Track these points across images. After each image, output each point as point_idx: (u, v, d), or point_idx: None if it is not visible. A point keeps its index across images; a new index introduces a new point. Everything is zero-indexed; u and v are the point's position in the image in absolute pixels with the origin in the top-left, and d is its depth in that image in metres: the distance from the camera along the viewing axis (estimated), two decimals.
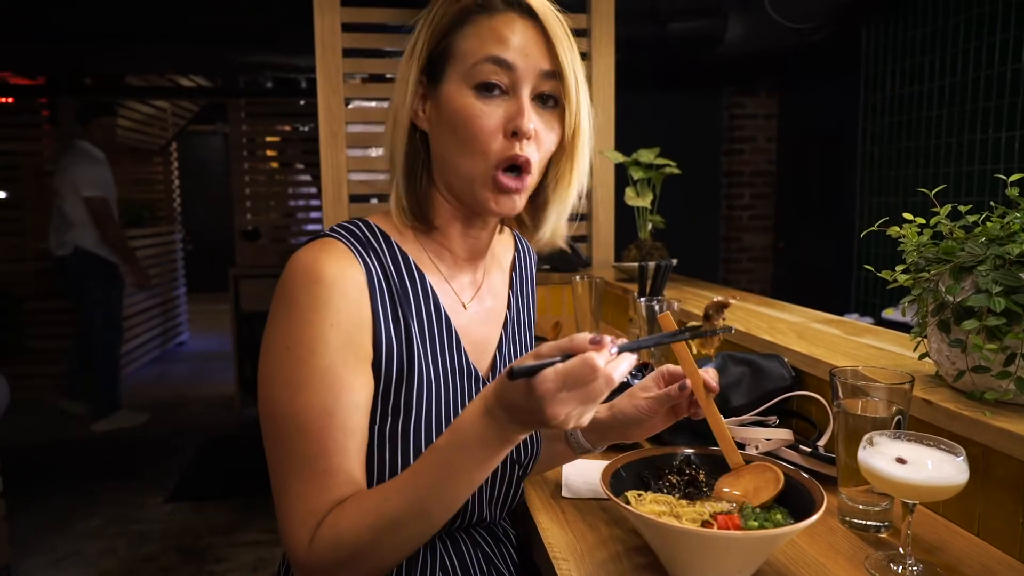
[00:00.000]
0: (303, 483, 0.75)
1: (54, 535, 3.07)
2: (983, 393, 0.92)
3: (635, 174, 2.30)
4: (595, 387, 0.64)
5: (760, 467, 0.85)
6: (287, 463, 0.76)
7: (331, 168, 2.64)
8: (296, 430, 0.75)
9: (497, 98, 0.80)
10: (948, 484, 0.75)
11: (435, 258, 0.90)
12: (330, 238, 0.81)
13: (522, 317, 1.01)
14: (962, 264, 0.91)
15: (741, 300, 1.90)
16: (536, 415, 0.65)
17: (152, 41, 4.12)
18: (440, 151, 0.85)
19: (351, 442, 0.77)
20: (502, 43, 0.79)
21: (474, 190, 0.82)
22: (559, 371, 0.63)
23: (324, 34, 2.58)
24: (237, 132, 5.43)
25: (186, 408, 4.92)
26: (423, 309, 0.85)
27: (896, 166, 3.83)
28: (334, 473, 0.75)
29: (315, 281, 0.76)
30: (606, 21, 2.74)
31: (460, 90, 0.81)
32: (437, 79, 0.83)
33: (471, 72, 0.80)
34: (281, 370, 0.76)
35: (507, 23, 0.80)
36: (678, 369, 0.89)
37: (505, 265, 1.02)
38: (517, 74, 0.80)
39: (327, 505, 0.75)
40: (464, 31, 0.82)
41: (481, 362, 0.92)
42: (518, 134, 0.79)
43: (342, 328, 0.76)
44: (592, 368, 0.63)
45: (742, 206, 5.64)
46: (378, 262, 0.82)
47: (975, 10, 3.26)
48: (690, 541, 0.74)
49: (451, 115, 0.81)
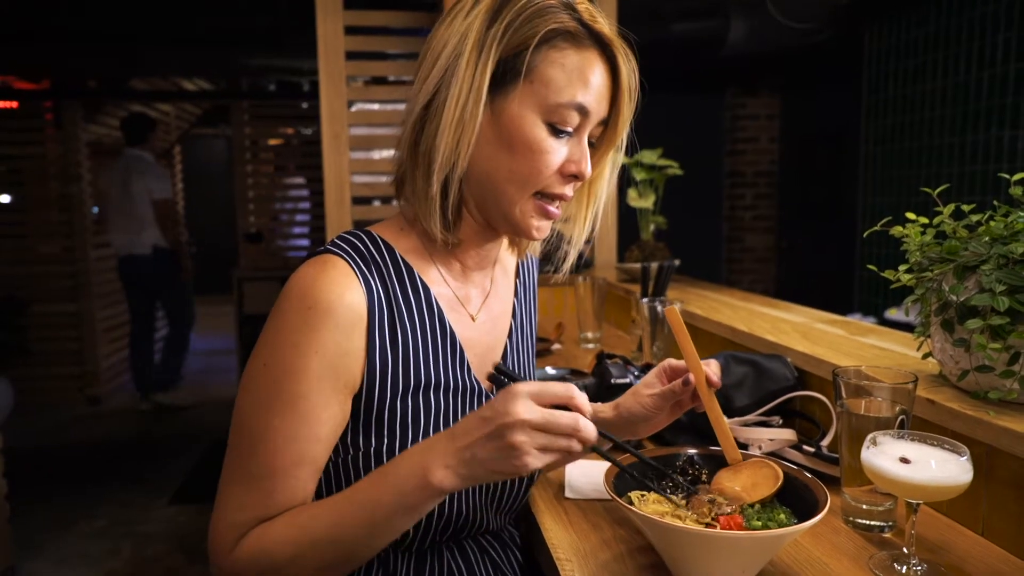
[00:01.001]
0: (242, 495, 0.76)
1: (58, 536, 3.08)
2: (987, 392, 0.91)
3: (638, 175, 2.30)
4: (563, 416, 0.67)
5: (759, 463, 0.85)
6: (235, 471, 0.77)
7: (333, 170, 2.64)
8: (252, 445, 0.76)
9: (564, 137, 0.80)
10: (952, 484, 0.75)
11: (443, 269, 0.88)
12: (332, 255, 0.79)
13: (525, 326, 1.01)
14: (965, 263, 0.90)
15: (745, 300, 1.90)
16: (494, 420, 0.66)
17: (156, 44, 4.14)
18: (488, 168, 0.80)
19: (301, 471, 0.76)
20: (588, 88, 0.78)
21: (514, 215, 0.82)
22: (539, 384, 0.67)
23: (327, 37, 2.59)
24: (240, 135, 5.44)
25: (189, 410, 4.93)
26: (427, 324, 0.84)
27: (899, 166, 3.82)
28: (273, 494, 0.76)
29: (310, 307, 0.75)
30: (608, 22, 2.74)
31: (534, 119, 0.78)
32: (498, 90, 0.78)
33: (554, 110, 0.77)
34: (256, 386, 0.77)
35: (592, 64, 0.79)
36: (680, 364, 0.89)
37: (510, 270, 1.01)
38: (588, 120, 0.80)
39: (256, 520, 0.76)
40: (548, 55, 0.77)
41: (484, 374, 0.91)
42: (578, 177, 0.81)
43: (327, 358, 0.75)
44: (569, 396, 0.67)
45: (744, 206, 5.64)
46: (380, 279, 0.80)
47: (977, 10, 3.26)
48: (694, 541, 0.74)
49: (515, 140, 0.78)
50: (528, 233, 0.83)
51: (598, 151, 0.86)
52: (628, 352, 1.83)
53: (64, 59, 4.26)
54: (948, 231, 0.97)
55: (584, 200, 0.90)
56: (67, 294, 5.02)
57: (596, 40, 0.80)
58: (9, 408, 3.99)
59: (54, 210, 5.01)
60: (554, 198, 0.82)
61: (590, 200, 0.90)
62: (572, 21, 0.78)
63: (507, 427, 0.66)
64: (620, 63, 0.81)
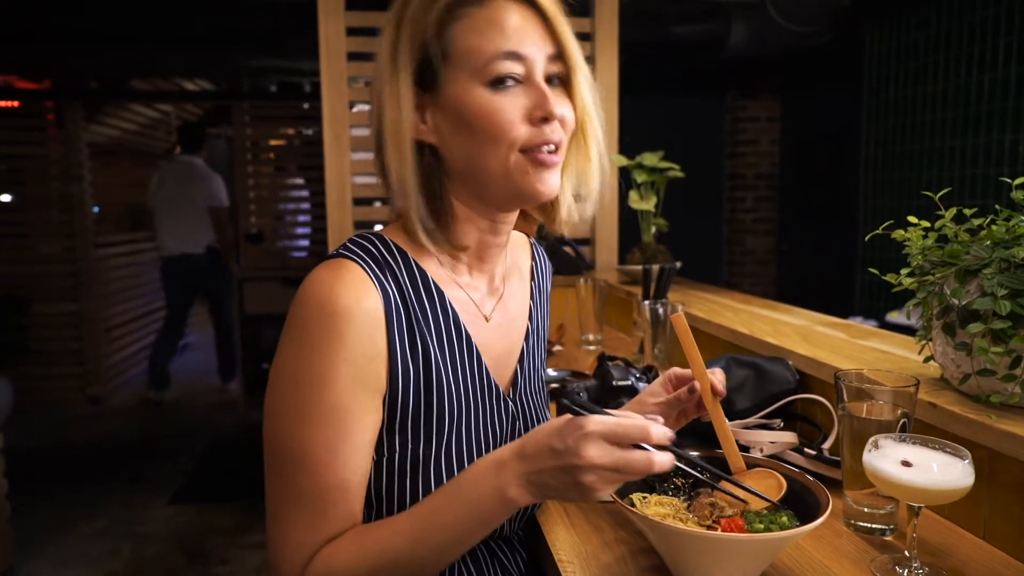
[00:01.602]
0: (297, 516, 0.75)
1: (58, 537, 3.08)
2: (988, 396, 0.92)
3: (639, 177, 2.30)
4: (636, 458, 0.66)
5: (763, 472, 0.85)
6: (284, 494, 0.76)
7: (335, 171, 2.64)
8: (297, 464, 0.75)
9: (512, 88, 0.77)
10: (954, 487, 0.75)
11: (453, 271, 0.87)
12: (346, 259, 0.78)
13: (540, 330, 1.00)
14: (967, 267, 0.91)
15: (746, 303, 1.90)
16: (566, 457, 0.67)
17: (157, 45, 4.15)
18: (460, 157, 0.80)
19: (351, 479, 0.76)
20: (508, 34, 0.76)
21: (512, 181, 0.79)
22: (613, 419, 0.66)
23: (328, 38, 2.59)
24: (241, 136, 5.44)
25: (190, 410, 4.93)
26: (443, 329, 0.83)
27: (900, 169, 3.83)
28: (330, 509, 0.75)
29: (329, 315, 0.73)
30: (610, 24, 2.74)
31: (471, 89, 0.77)
32: (432, 85, 0.79)
33: (484, 70, 0.76)
34: (288, 403, 0.75)
35: (502, 10, 0.77)
36: (685, 372, 0.89)
37: (524, 273, 1.00)
38: (529, 62, 0.77)
39: (320, 540, 0.75)
40: (457, 29, 0.77)
41: (502, 376, 0.90)
42: (548, 119, 0.78)
43: (355, 363, 0.74)
44: (645, 434, 0.66)
45: (745, 209, 5.64)
46: (395, 284, 0.79)
47: (978, 13, 3.26)
48: (696, 543, 0.74)
49: (468, 117, 0.77)
50: (533, 191, 0.80)
51: (570, 86, 0.82)
52: (629, 354, 1.83)
53: (65, 59, 4.26)
54: (950, 235, 0.97)
55: (582, 141, 0.86)
56: (68, 294, 5.02)
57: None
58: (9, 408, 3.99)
59: (55, 210, 5.01)
60: (539, 148, 0.78)
61: (587, 139, 0.86)
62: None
63: (578, 469, 0.67)
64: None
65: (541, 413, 0.97)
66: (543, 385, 1.01)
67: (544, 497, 0.71)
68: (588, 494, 0.68)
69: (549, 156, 0.79)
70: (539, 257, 1.04)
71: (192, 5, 3.74)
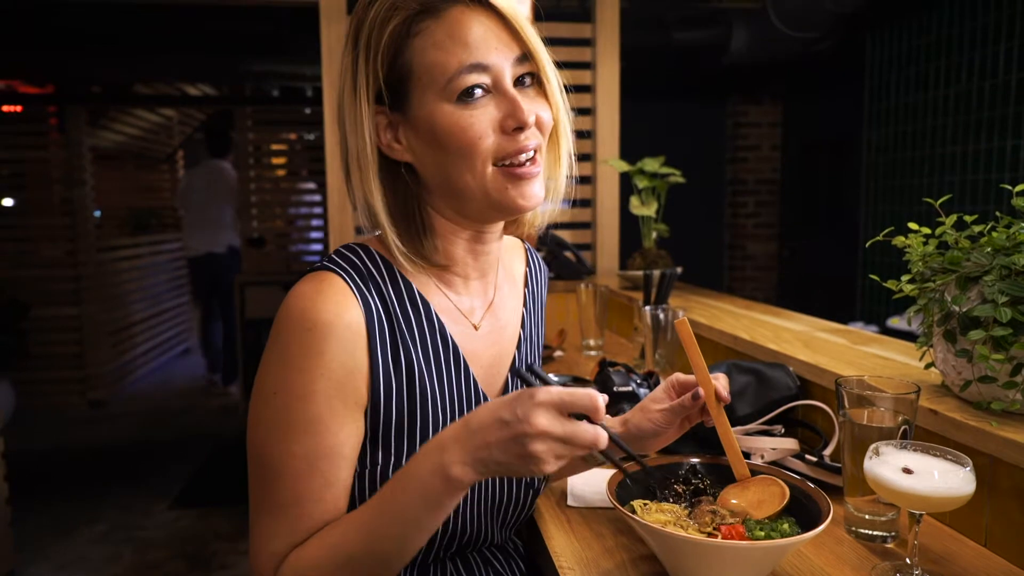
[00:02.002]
0: (275, 525, 0.76)
1: (59, 541, 3.08)
2: (989, 403, 0.92)
3: (640, 183, 2.30)
4: (585, 430, 0.66)
5: (766, 480, 0.85)
6: (263, 503, 0.77)
7: (337, 176, 2.65)
8: (275, 475, 0.76)
9: (481, 99, 0.76)
10: (955, 494, 0.75)
11: (441, 283, 0.86)
12: (329, 272, 0.78)
13: (534, 337, 0.99)
14: (968, 274, 0.91)
15: (747, 308, 1.90)
16: (515, 426, 0.65)
17: (160, 50, 4.16)
18: (436, 174, 0.79)
19: (328, 492, 0.76)
20: (470, 46, 0.74)
21: (490, 196, 0.78)
22: (564, 389, 0.65)
23: (331, 42, 2.60)
24: (243, 140, 5.45)
25: (191, 415, 4.93)
26: (428, 339, 0.83)
27: (901, 175, 3.83)
28: (305, 520, 0.76)
29: (309, 329, 0.74)
30: (611, 30, 2.75)
31: (439, 106, 0.75)
32: (402, 104, 0.78)
33: (448, 86, 0.75)
34: (268, 415, 0.76)
35: (460, 21, 0.75)
36: (689, 378, 0.89)
37: (518, 279, 0.99)
38: (495, 71, 0.76)
39: (294, 545, 0.76)
40: (416, 45, 0.75)
41: (492, 384, 0.90)
42: (522, 128, 0.77)
43: (333, 377, 0.75)
44: (594, 408, 0.65)
45: (746, 214, 5.64)
46: (379, 296, 0.79)
47: (979, 20, 3.27)
48: (697, 551, 0.74)
49: (438, 134, 0.76)
50: (515, 205, 0.79)
51: (542, 86, 0.81)
52: (630, 360, 1.83)
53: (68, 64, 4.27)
54: (950, 242, 0.97)
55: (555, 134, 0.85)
56: (69, 298, 5.03)
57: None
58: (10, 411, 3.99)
59: (57, 214, 5.02)
60: (515, 156, 0.77)
61: (558, 132, 0.85)
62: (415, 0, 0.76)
63: (527, 436, 0.65)
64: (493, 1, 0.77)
65: None
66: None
67: (489, 474, 0.68)
68: (535, 465, 0.66)
69: (528, 168, 0.78)
70: (533, 263, 1.02)
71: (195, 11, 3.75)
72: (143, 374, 5.91)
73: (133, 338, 5.77)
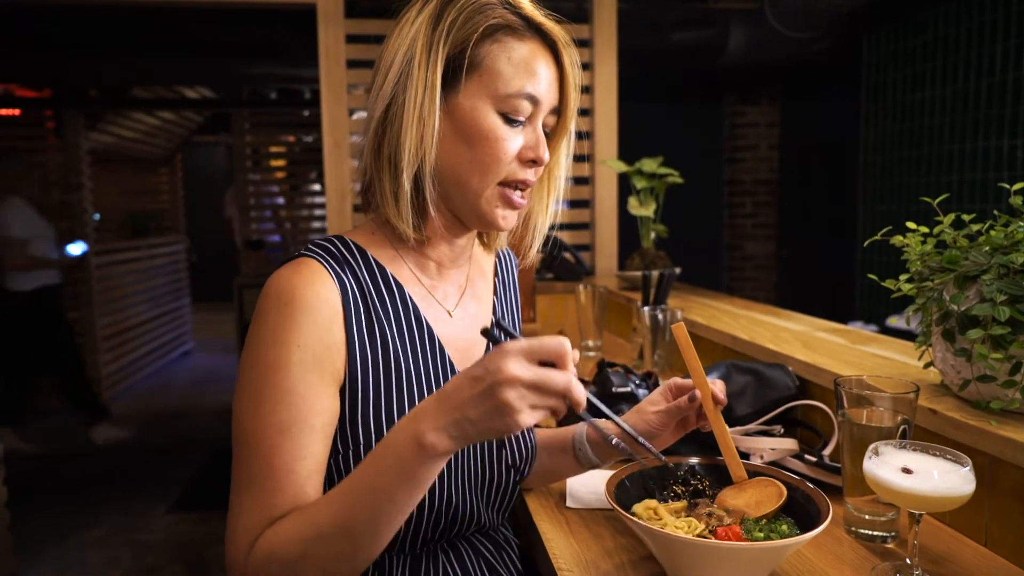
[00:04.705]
0: (249, 499, 0.76)
1: (58, 545, 3.07)
2: (989, 402, 0.91)
3: (638, 183, 2.30)
4: (556, 375, 0.64)
5: (763, 482, 0.85)
6: (239, 476, 0.78)
7: (335, 178, 2.65)
8: (250, 446, 0.77)
9: (518, 126, 0.84)
10: (954, 494, 0.75)
11: (416, 269, 0.90)
12: (305, 257, 0.82)
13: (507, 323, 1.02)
14: (966, 273, 0.91)
15: (746, 308, 1.90)
16: (486, 379, 0.64)
17: (158, 53, 4.16)
18: (449, 163, 0.83)
19: (300, 465, 0.76)
20: (535, 77, 0.82)
21: (480, 206, 0.84)
22: (531, 340, 0.66)
23: (328, 45, 2.60)
24: (241, 143, 5.46)
25: (190, 418, 4.92)
26: (403, 321, 0.86)
27: (898, 174, 3.83)
28: (278, 492, 0.75)
29: (286, 303, 0.77)
30: (608, 31, 2.75)
31: (486, 110, 0.82)
32: (450, 88, 0.82)
33: (504, 100, 0.81)
34: (246, 387, 0.78)
35: (536, 55, 0.83)
36: (686, 382, 0.89)
37: (488, 272, 1.03)
38: (539, 108, 0.84)
39: (266, 522, 0.75)
40: (493, 50, 0.82)
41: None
42: (536, 162, 0.84)
43: (309, 350, 0.77)
44: (562, 353, 0.65)
45: (744, 214, 5.65)
46: (354, 278, 0.83)
47: (976, 19, 3.27)
48: (696, 552, 0.74)
49: (474, 133, 0.82)
50: (495, 223, 0.86)
51: (553, 139, 0.90)
52: (629, 360, 1.82)
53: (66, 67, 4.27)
54: (948, 241, 0.97)
55: (545, 188, 0.94)
56: (69, 301, 5.02)
57: (537, 31, 0.83)
58: None
59: (55, 217, 5.02)
60: (516, 185, 0.85)
61: (551, 187, 0.94)
62: (511, 15, 0.82)
63: (499, 384, 0.64)
64: (562, 53, 0.85)
65: None
66: None
67: (463, 436, 0.67)
68: (510, 416, 0.64)
69: (519, 199, 0.86)
70: (503, 254, 1.07)
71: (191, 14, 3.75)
72: (142, 377, 5.90)
73: (131, 342, 5.77)
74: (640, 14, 3.68)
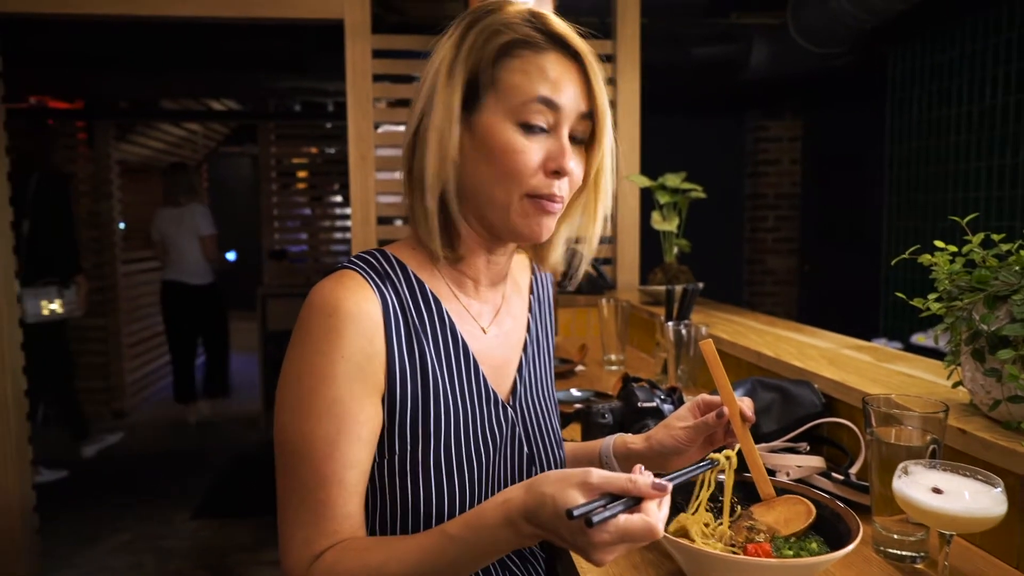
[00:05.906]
0: (302, 511, 0.78)
1: (83, 550, 3.12)
2: (1020, 423, 0.91)
3: (661, 198, 2.31)
4: (643, 540, 0.66)
5: (792, 499, 0.85)
6: (289, 489, 0.80)
7: (360, 190, 2.69)
8: (299, 457, 0.78)
9: (539, 136, 0.83)
10: (986, 515, 0.75)
11: (454, 286, 0.91)
12: (348, 270, 0.84)
13: (541, 341, 1.03)
14: (996, 293, 0.91)
15: (770, 324, 1.90)
16: (575, 548, 0.68)
17: (187, 67, 4.25)
18: (474, 180, 0.85)
19: (349, 474, 0.78)
20: (551, 84, 0.81)
21: (510, 219, 0.84)
22: (620, 527, 0.65)
23: (355, 60, 2.64)
24: (266, 154, 5.54)
25: (212, 426, 4.98)
26: (439, 336, 0.87)
27: (924, 190, 3.80)
28: (330, 504, 0.78)
29: (330, 314, 0.79)
30: (631, 47, 2.77)
31: (504, 124, 0.82)
32: (472, 107, 0.84)
33: (519, 110, 0.81)
34: (291, 398, 0.79)
35: (553, 62, 0.82)
36: (714, 399, 0.90)
37: (523, 288, 1.04)
38: (561, 115, 0.83)
39: (322, 534, 0.78)
40: (509, 64, 0.82)
41: (501, 385, 0.93)
42: (560, 173, 0.83)
43: (353, 361, 0.79)
44: (652, 532, 0.65)
45: (766, 228, 5.62)
46: (394, 292, 0.85)
47: (1003, 35, 3.25)
48: (727, 568, 0.74)
49: (493, 147, 0.82)
50: (531, 234, 0.85)
51: (592, 148, 0.87)
52: (652, 375, 1.83)
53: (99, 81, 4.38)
54: (977, 260, 0.97)
55: (592, 193, 0.91)
56: (95, 309, 5.10)
57: (557, 42, 0.83)
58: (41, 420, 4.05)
59: (85, 227, 5.12)
60: (544, 198, 0.84)
61: (598, 193, 0.91)
62: (529, 29, 0.83)
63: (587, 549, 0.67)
64: (585, 58, 0.84)
65: (546, 421, 0.99)
66: (551, 394, 1.03)
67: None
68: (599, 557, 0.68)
69: (550, 203, 0.84)
70: (538, 272, 1.07)
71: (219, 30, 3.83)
72: (164, 385, 5.98)
73: (155, 349, 5.85)
74: (663, 29, 3.70)
